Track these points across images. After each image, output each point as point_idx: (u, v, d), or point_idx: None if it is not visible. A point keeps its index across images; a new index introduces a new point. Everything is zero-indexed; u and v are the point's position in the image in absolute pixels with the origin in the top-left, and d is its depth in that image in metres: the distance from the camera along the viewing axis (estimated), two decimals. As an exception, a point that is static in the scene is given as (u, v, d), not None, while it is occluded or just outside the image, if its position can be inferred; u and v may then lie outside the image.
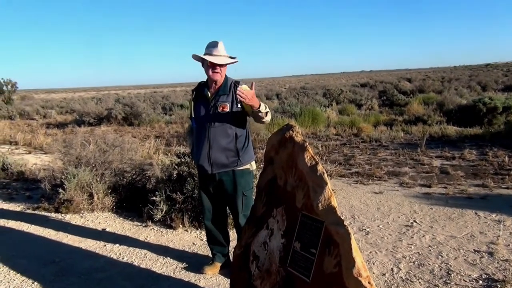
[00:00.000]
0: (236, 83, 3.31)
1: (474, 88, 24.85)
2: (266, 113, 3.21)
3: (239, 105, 3.28)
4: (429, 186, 6.16)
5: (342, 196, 5.86)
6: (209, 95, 3.35)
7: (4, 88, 33.24)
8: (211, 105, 3.32)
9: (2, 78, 33.95)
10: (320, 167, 2.26)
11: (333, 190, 2.22)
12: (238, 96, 3.01)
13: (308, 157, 2.34)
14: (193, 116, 3.43)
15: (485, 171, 6.81)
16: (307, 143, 2.42)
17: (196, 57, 3.37)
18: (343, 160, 8.26)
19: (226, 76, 3.39)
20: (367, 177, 6.86)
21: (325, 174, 2.23)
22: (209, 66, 3.26)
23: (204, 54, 3.28)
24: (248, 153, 3.42)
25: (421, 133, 10.41)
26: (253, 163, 3.53)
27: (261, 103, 3.18)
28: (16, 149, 10.99)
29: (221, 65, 3.27)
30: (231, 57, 3.36)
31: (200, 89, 3.45)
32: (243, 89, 3.10)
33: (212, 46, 3.28)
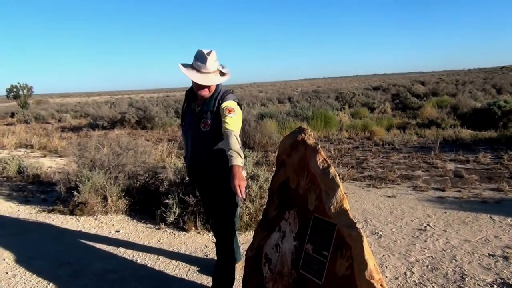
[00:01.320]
0: (220, 99, 3.00)
1: (488, 91, 24.55)
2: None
3: (218, 124, 2.96)
4: (443, 190, 6.11)
5: (354, 200, 5.84)
6: (196, 107, 3.13)
7: (20, 92, 33.81)
8: (195, 119, 3.10)
9: (18, 83, 34.59)
10: (332, 170, 2.27)
11: (345, 193, 2.22)
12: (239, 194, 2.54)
13: (320, 160, 2.35)
14: (182, 123, 3.30)
15: (500, 175, 6.72)
16: (319, 146, 2.43)
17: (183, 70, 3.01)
18: (356, 163, 8.22)
19: (217, 86, 3.08)
20: (380, 181, 6.82)
21: (337, 177, 2.24)
22: (196, 84, 2.97)
23: (191, 67, 2.97)
24: (224, 165, 2.83)
25: (435, 136, 10.32)
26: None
27: (233, 153, 2.67)
28: (32, 152, 11.15)
29: (208, 85, 2.99)
30: (221, 72, 3.05)
31: (191, 95, 3.20)
32: (223, 105, 2.92)
33: (200, 61, 2.94)
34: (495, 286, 3.31)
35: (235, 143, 2.76)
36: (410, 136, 10.72)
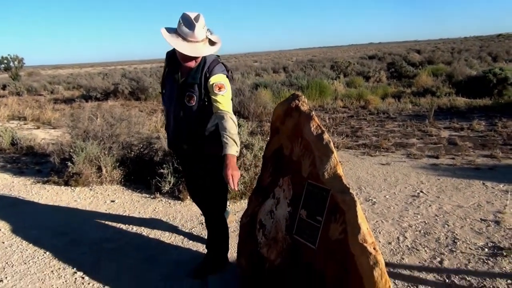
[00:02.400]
0: (207, 72, 2.72)
1: (484, 59, 24.43)
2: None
3: (206, 99, 2.75)
4: (437, 157, 6.14)
5: (349, 168, 5.86)
6: (180, 78, 2.80)
7: (11, 64, 33.26)
8: (179, 91, 2.80)
9: (8, 54, 33.97)
10: (326, 136, 2.26)
11: (340, 161, 2.22)
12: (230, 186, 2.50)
13: (314, 126, 2.33)
14: (163, 92, 3.00)
15: (493, 142, 6.76)
16: (313, 112, 2.41)
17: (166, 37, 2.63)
18: (350, 132, 8.23)
19: (204, 56, 2.76)
20: (374, 149, 6.84)
21: (331, 143, 2.23)
22: (181, 54, 2.64)
23: (176, 34, 2.62)
24: (217, 144, 2.71)
25: (430, 104, 10.30)
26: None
27: (229, 140, 2.57)
28: (25, 124, 11.07)
29: (196, 57, 2.69)
30: (211, 41, 2.70)
31: (173, 61, 2.85)
32: (211, 80, 2.69)
33: (187, 27, 2.58)
34: (486, 249, 3.37)
35: (232, 127, 2.61)
36: (405, 104, 10.72)
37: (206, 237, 3.75)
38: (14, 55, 33.81)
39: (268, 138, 2.95)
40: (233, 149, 2.55)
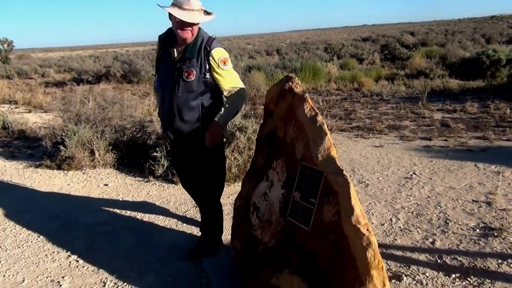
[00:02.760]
0: (207, 45, 2.75)
1: (478, 40, 24.41)
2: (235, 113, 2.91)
3: (207, 75, 2.77)
4: (430, 139, 6.17)
5: (342, 150, 5.88)
6: (175, 55, 2.80)
7: (0, 47, 32.74)
8: (175, 68, 2.77)
9: (-3, 37, 33.40)
10: (319, 118, 2.25)
11: (333, 144, 2.21)
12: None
13: (308, 108, 2.32)
14: (156, 74, 2.99)
15: (486, 124, 6.79)
16: (306, 94, 2.39)
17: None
18: (344, 114, 8.23)
19: (199, 30, 2.79)
20: (368, 131, 6.86)
21: (325, 125, 2.22)
22: (178, 23, 2.66)
23: (172, 5, 2.66)
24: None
25: (423, 86, 10.30)
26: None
27: (225, 111, 2.78)
28: (16, 108, 10.93)
29: (192, 24, 2.68)
30: (206, 12, 2.74)
31: (167, 41, 2.85)
32: (214, 54, 2.74)
33: None
34: (478, 230, 3.41)
35: (240, 101, 2.88)
36: (399, 86, 10.72)
37: (199, 220, 3.76)
38: (3, 37, 33.21)
39: (262, 120, 2.93)
40: (221, 120, 2.79)
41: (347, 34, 65.38)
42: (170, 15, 2.69)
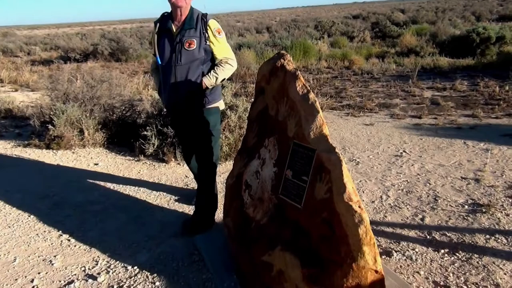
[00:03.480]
0: (203, 17, 3.02)
1: (468, 18, 24.36)
2: (223, 79, 3.12)
3: (207, 42, 3.01)
4: (420, 117, 6.20)
5: (333, 129, 5.89)
6: (174, 29, 3.03)
7: (-16, 24, 31.89)
8: (176, 40, 3.00)
9: (-20, 14, 32.50)
10: (312, 96, 2.23)
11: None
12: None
13: (300, 86, 2.30)
14: (157, 53, 3.13)
15: (475, 102, 6.83)
16: (298, 72, 2.37)
17: None
18: (334, 93, 8.22)
19: (192, 7, 3.06)
20: (358, 109, 6.87)
21: (317, 103, 2.21)
22: None
23: None
24: (216, 92, 3.21)
25: (413, 64, 10.31)
26: (222, 102, 3.34)
27: (216, 72, 3.05)
28: (2, 87, 10.75)
29: None
30: None
31: (164, 22, 3.10)
32: (210, 24, 3.01)
33: None
34: (466, 206, 3.46)
35: (224, 74, 3.07)
36: (389, 65, 10.70)
37: (190, 199, 3.77)
38: (-13, 14, 32.40)
39: (253, 99, 2.91)
40: (208, 83, 3.05)
41: (337, 11, 64.86)
42: None
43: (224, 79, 3.11)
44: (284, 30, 22.88)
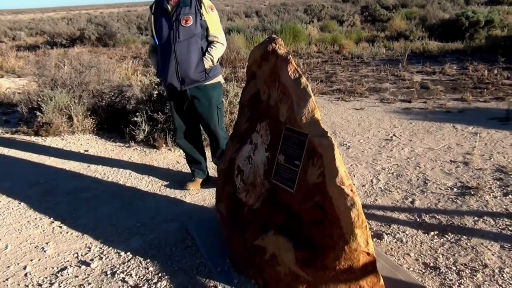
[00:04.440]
0: None
1: (457, 2, 24.31)
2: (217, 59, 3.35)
3: (203, 17, 3.20)
4: (409, 101, 6.23)
5: (323, 113, 5.89)
6: (170, 9, 3.19)
7: (-33, 8, 31.14)
8: (173, 19, 3.17)
9: (-37, -2, 31.73)
10: (303, 80, 2.23)
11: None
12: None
13: (292, 70, 2.30)
14: (154, 33, 3.27)
15: (464, 85, 6.88)
16: (290, 56, 2.36)
17: None
18: (325, 77, 8.21)
19: None
20: (349, 94, 6.88)
21: (309, 87, 2.21)
22: None
23: None
24: (216, 67, 3.41)
25: (403, 49, 10.31)
26: (221, 77, 3.53)
27: (210, 53, 3.27)
28: (-13, 73, 10.57)
29: None
30: None
31: (159, 3, 3.25)
32: (204, 0, 3.21)
33: None
34: (455, 189, 3.51)
35: (217, 53, 3.29)
36: (379, 49, 10.70)
37: (182, 185, 3.78)
38: (-31, -2, 31.65)
39: (244, 84, 2.90)
40: (206, 65, 3.27)
41: (327, -5, 64.37)
42: None
43: (219, 58, 3.34)
44: (273, 14, 22.68)
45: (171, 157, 4.57)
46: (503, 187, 3.48)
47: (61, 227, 3.22)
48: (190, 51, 3.19)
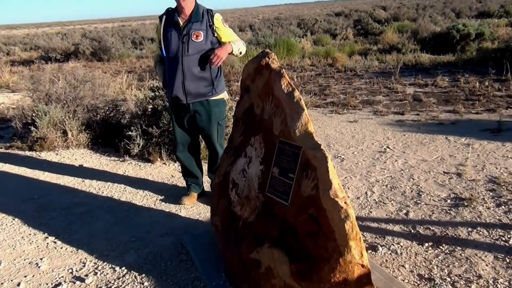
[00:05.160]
0: (209, 11, 3.25)
1: (448, 15, 24.71)
2: (240, 52, 3.34)
3: (214, 34, 3.25)
4: (402, 114, 6.29)
5: (317, 126, 5.93)
6: (181, 22, 3.21)
7: (-39, 24, 31.20)
8: (183, 33, 3.19)
9: (-43, 14, 31.78)
10: (297, 94, 2.26)
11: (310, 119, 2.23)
12: (211, 62, 3.16)
13: (285, 84, 2.32)
14: (163, 45, 3.29)
15: (456, 97, 6.95)
16: (283, 70, 2.39)
17: None
18: (318, 90, 8.28)
19: (196, 2, 3.28)
20: (342, 107, 6.93)
21: (302, 100, 2.23)
22: None
23: None
24: (221, 83, 3.44)
25: (395, 61, 10.43)
26: (226, 93, 3.56)
27: (234, 43, 3.27)
28: (-19, 88, 10.56)
29: None
30: None
31: (170, 15, 3.27)
32: (216, 16, 3.25)
33: None
34: (449, 200, 3.53)
35: (242, 47, 3.33)
36: (372, 62, 10.81)
37: (177, 199, 3.78)
38: (-36, 14, 31.71)
39: (238, 97, 2.93)
40: (233, 48, 3.24)
41: (320, 9, 65.15)
42: None
43: (240, 51, 3.33)
44: (267, 28, 22.88)
45: (166, 171, 4.57)
46: (496, 198, 3.51)
47: (55, 242, 3.20)
48: (198, 66, 3.23)
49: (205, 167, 3.90)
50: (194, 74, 3.24)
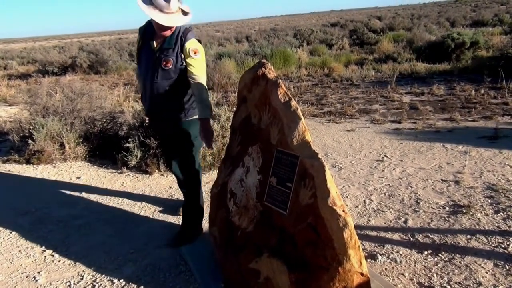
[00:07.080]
0: (183, 36, 2.96)
1: (443, 24, 24.92)
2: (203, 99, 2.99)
3: (183, 62, 2.98)
4: (399, 122, 6.31)
5: (315, 135, 5.94)
6: (155, 46, 3.00)
7: (-42, 38, 31.28)
8: (155, 57, 2.98)
9: (-46, 28, 31.88)
10: (293, 103, 2.27)
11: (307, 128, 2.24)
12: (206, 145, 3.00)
13: (282, 94, 2.34)
14: (137, 63, 3.18)
15: (452, 105, 6.98)
16: (280, 80, 2.40)
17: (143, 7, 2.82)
18: (315, 100, 8.30)
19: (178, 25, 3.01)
20: (339, 116, 6.95)
21: (299, 110, 2.24)
22: (158, 24, 2.84)
23: (153, 6, 2.79)
24: (193, 108, 3.14)
25: (391, 70, 10.49)
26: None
27: (196, 94, 2.97)
28: (-22, 102, 10.55)
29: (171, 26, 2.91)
30: (183, 11, 2.92)
31: (148, 32, 3.06)
32: (187, 45, 2.94)
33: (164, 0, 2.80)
34: (447, 208, 3.53)
35: (203, 92, 2.94)
36: (368, 71, 10.86)
37: (175, 209, 3.77)
38: (-39, 29, 31.81)
39: (235, 108, 2.94)
40: (206, 113, 2.93)
41: (316, 19, 65.58)
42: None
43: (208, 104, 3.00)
44: (263, 39, 23.02)
45: (164, 183, 4.56)
46: (494, 204, 3.52)
47: (53, 255, 3.18)
48: (166, 92, 3.02)
49: (204, 177, 3.89)
50: (162, 100, 3.05)
